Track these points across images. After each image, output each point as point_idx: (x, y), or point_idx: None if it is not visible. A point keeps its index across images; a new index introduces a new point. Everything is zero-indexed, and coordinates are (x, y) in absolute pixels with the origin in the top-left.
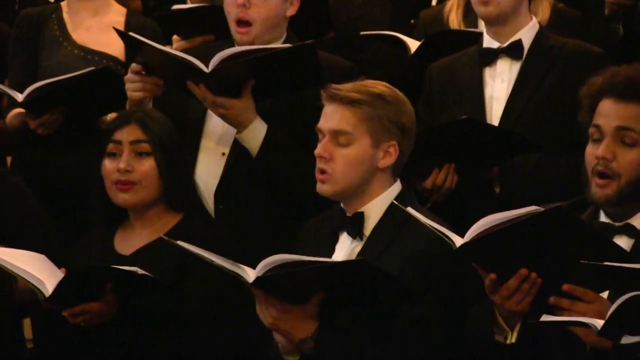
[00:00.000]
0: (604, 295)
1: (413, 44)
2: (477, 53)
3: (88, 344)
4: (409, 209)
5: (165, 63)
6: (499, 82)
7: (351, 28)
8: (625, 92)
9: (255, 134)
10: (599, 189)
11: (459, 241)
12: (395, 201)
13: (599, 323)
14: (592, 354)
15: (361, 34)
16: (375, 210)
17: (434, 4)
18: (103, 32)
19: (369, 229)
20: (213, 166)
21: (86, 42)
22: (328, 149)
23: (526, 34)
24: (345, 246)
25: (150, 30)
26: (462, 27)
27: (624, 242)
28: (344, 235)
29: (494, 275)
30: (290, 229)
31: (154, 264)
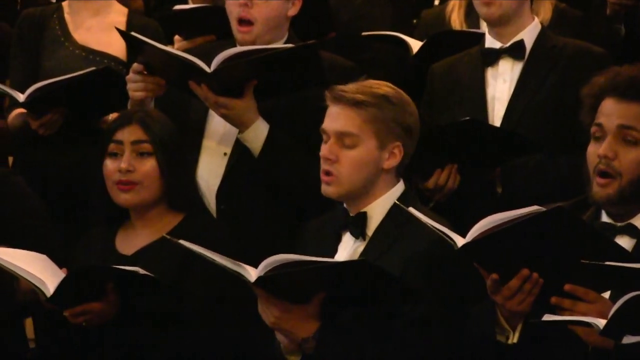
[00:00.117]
0: (605, 295)
1: (415, 44)
2: (479, 53)
3: (89, 344)
4: (411, 209)
5: (167, 63)
6: (501, 83)
7: (352, 28)
8: (627, 92)
9: (257, 134)
10: (601, 189)
11: (460, 241)
12: (398, 201)
13: (601, 322)
14: (594, 354)
15: (363, 34)
16: (378, 210)
17: (436, 3)
18: (104, 32)
19: (371, 229)
20: (215, 166)
21: (87, 42)
22: (334, 150)
23: (528, 34)
24: (348, 246)
25: (152, 31)
26: (464, 28)
27: (626, 242)
28: (346, 235)
29: (495, 276)
30: (292, 229)
31: (155, 264)
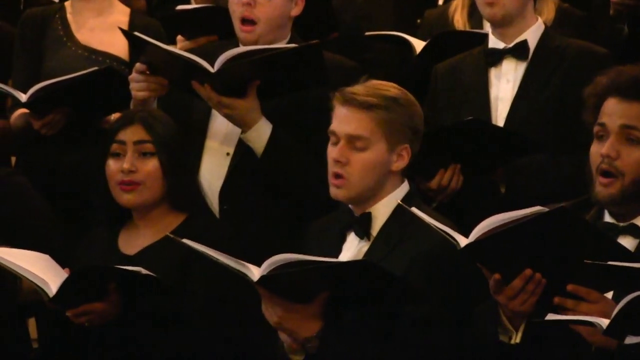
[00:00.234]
0: (608, 295)
1: (418, 44)
2: (483, 53)
3: (92, 344)
4: (414, 209)
5: (170, 63)
6: (505, 83)
7: (355, 28)
8: (630, 91)
9: (260, 134)
10: (603, 188)
11: (463, 241)
12: (403, 201)
13: (603, 322)
14: (597, 354)
15: (366, 34)
16: (382, 210)
17: (440, 3)
18: (107, 32)
19: (376, 229)
20: (217, 166)
21: (90, 42)
22: (344, 153)
23: (532, 34)
24: (352, 246)
25: (154, 31)
26: (467, 28)
27: (629, 242)
28: (351, 235)
29: (498, 276)
30: (295, 229)
31: (157, 264)
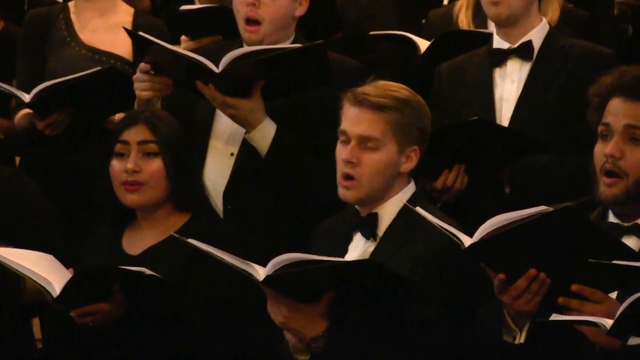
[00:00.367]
0: (612, 295)
1: (423, 44)
2: (487, 54)
3: (96, 344)
4: (418, 208)
5: (174, 63)
6: (509, 83)
7: (359, 28)
8: (634, 91)
9: (265, 134)
10: (607, 188)
11: (467, 241)
12: (409, 202)
13: (608, 322)
14: (601, 354)
15: (371, 33)
16: (389, 210)
17: (445, 3)
18: (110, 32)
19: (382, 229)
20: (222, 166)
21: (93, 42)
22: (355, 153)
23: (536, 34)
24: (358, 246)
25: (158, 30)
26: (472, 28)
27: (633, 242)
28: (357, 235)
29: (502, 276)
30: (298, 229)
31: (161, 264)
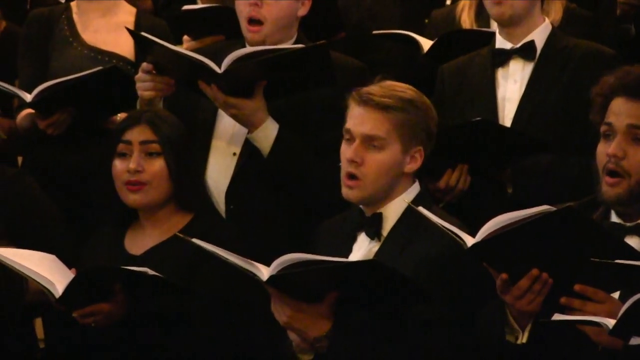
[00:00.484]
0: (615, 295)
1: (426, 43)
2: (490, 54)
3: (98, 344)
4: (420, 208)
5: (177, 63)
6: (512, 83)
7: (362, 28)
8: (637, 91)
9: (267, 134)
10: (610, 188)
11: (470, 241)
12: (413, 202)
13: (610, 322)
14: (604, 354)
15: (374, 33)
16: (393, 211)
17: (447, 3)
18: (113, 32)
19: (387, 229)
20: (224, 166)
21: (96, 43)
22: (360, 153)
23: (539, 34)
24: (363, 246)
25: (161, 31)
26: (474, 27)
27: (635, 242)
28: (362, 235)
29: (505, 275)
30: (300, 229)
31: (164, 264)
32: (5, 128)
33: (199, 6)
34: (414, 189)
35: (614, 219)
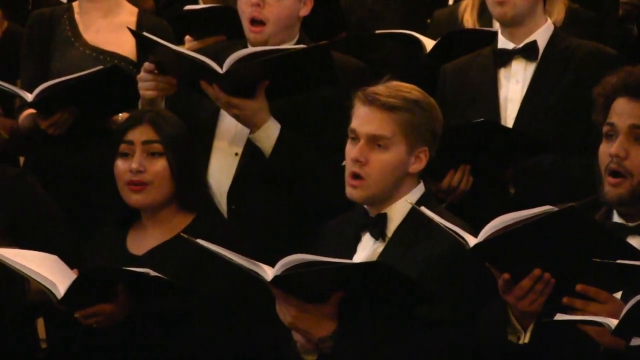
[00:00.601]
0: (617, 295)
1: (428, 43)
2: (492, 54)
3: (100, 345)
4: (423, 208)
5: (179, 63)
6: (514, 83)
7: (363, 28)
8: (639, 91)
9: (269, 134)
10: (612, 188)
11: (472, 241)
12: (418, 203)
13: (612, 322)
14: (606, 354)
15: (376, 32)
16: (398, 211)
17: (450, 3)
18: (115, 32)
19: (391, 230)
20: (226, 166)
21: (98, 43)
22: (364, 152)
23: (541, 35)
24: (367, 247)
25: (162, 31)
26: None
27: (638, 242)
28: (366, 235)
29: (507, 275)
30: (302, 230)
31: (166, 264)
32: (7, 128)
33: (201, 6)
34: (419, 189)
35: (616, 219)
